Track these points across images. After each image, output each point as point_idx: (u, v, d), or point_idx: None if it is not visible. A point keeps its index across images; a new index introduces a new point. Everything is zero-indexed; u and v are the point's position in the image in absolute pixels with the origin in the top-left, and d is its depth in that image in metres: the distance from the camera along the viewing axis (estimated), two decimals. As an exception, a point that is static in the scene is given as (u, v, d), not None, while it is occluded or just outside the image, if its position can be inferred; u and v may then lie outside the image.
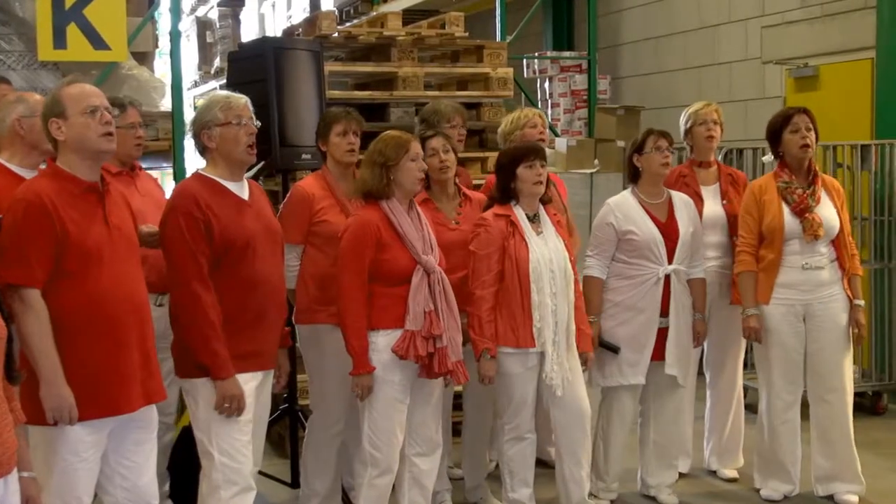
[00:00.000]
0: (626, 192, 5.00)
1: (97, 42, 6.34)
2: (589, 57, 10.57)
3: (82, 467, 3.37)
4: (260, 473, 4.40)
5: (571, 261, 4.60)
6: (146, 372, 3.49)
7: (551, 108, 10.68)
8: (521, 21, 10.31)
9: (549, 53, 11.37)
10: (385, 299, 4.14)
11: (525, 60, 11.10)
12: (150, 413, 3.56)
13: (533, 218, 4.54)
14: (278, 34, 8.58)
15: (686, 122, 5.32)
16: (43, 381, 3.25)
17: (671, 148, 4.91)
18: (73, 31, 6.24)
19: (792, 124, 4.92)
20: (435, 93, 6.59)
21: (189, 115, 6.87)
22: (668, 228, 4.85)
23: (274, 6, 9.91)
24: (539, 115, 5.22)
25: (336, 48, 6.50)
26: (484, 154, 6.34)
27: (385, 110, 6.23)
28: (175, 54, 7.07)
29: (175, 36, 7.15)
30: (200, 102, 4.51)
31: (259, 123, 3.92)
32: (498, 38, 9.54)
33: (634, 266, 4.84)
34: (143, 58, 7.28)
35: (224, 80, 6.31)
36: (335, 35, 6.22)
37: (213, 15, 10.38)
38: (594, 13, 10.45)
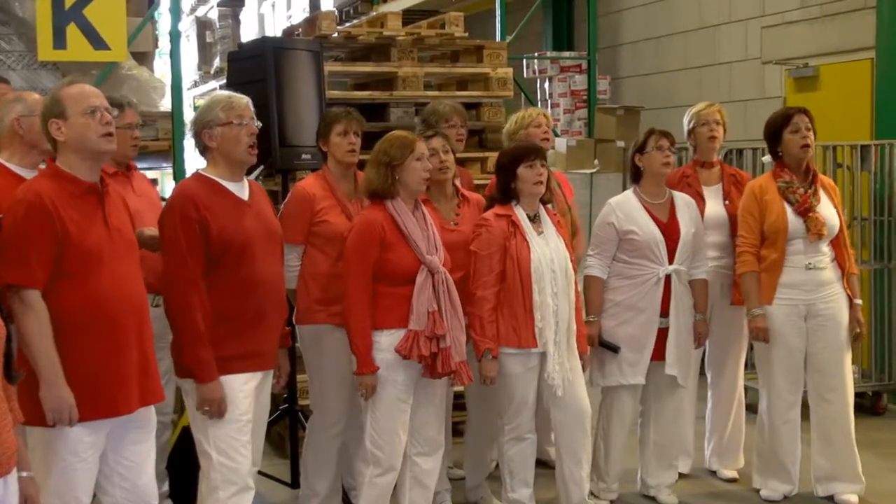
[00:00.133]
0: (628, 192, 5.00)
1: (97, 42, 6.33)
2: (589, 57, 10.56)
3: (81, 467, 3.36)
4: (260, 473, 4.40)
5: (572, 260, 4.61)
6: (144, 373, 3.49)
7: (551, 108, 10.66)
8: (521, 21, 10.30)
9: (548, 53, 11.36)
10: (389, 299, 4.15)
11: (525, 60, 11.09)
12: (148, 413, 3.56)
13: (533, 218, 4.54)
14: (278, 34, 8.58)
15: (689, 123, 5.32)
16: (43, 382, 3.25)
17: (673, 148, 4.90)
18: (72, 31, 6.24)
19: (792, 124, 4.92)
20: (435, 93, 6.58)
21: (189, 116, 6.87)
22: (670, 229, 4.85)
23: (274, 6, 9.90)
24: (543, 114, 5.21)
25: (336, 48, 6.49)
26: (484, 154, 6.34)
27: (385, 110, 6.23)
28: (175, 54, 7.07)
29: (175, 36, 7.15)
30: (202, 102, 4.51)
31: (260, 124, 3.92)
32: (498, 38, 9.52)
33: (635, 266, 4.84)
34: (143, 58, 7.27)
35: (224, 81, 6.32)
36: (335, 35, 6.22)
37: (213, 15, 10.37)
38: (594, 13, 10.44)
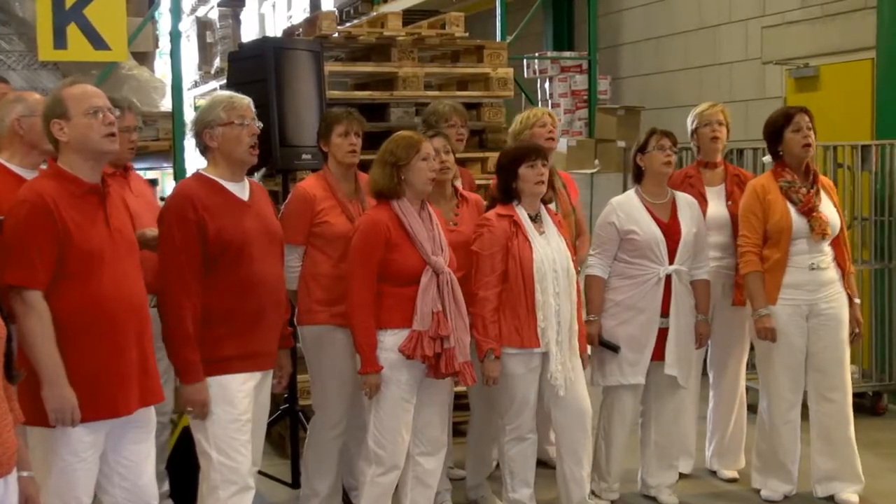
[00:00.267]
0: (630, 192, 5.00)
1: (97, 42, 6.32)
2: (589, 57, 10.56)
3: (81, 467, 3.36)
4: (260, 474, 4.40)
5: (573, 260, 4.61)
6: (144, 373, 3.49)
7: (551, 108, 10.66)
8: (522, 21, 10.30)
9: (549, 53, 11.36)
10: (393, 299, 4.15)
11: (525, 61, 11.09)
12: (147, 413, 3.56)
13: (535, 217, 4.54)
14: (278, 34, 8.58)
15: (692, 123, 5.31)
16: (45, 383, 3.25)
17: (674, 148, 4.90)
18: (73, 31, 6.23)
19: (793, 124, 4.91)
20: (435, 93, 6.58)
21: (189, 116, 6.87)
22: (671, 229, 4.84)
23: (274, 6, 9.91)
24: (549, 114, 5.20)
25: (336, 48, 6.49)
26: (484, 154, 6.34)
27: (385, 110, 6.22)
28: (175, 54, 7.07)
29: (175, 36, 7.14)
30: (202, 102, 4.50)
31: (261, 124, 3.92)
32: (498, 38, 9.52)
33: (636, 266, 4.84)
34: (144, 58, 7.27)
35: (224, 81, 6.31)
36: (335, 35, 6.22)
37: (214, 15, 10.37)
38: (594, 13, 10.44)
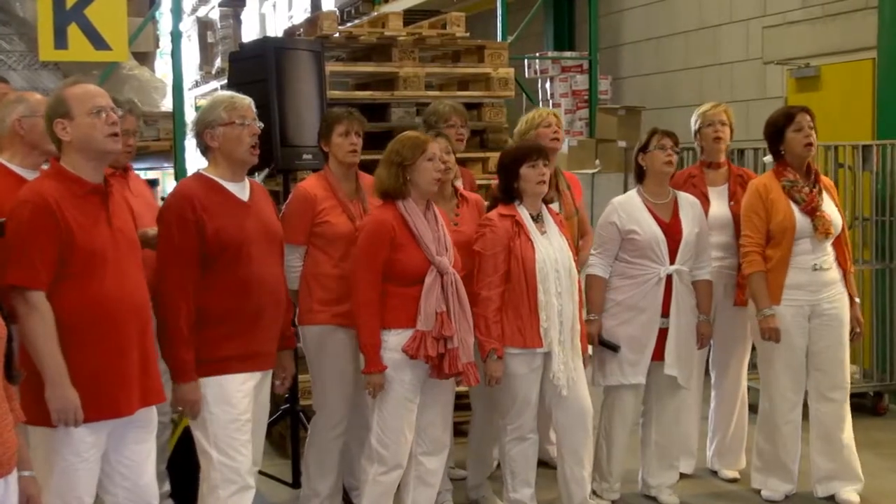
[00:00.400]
0: (632, 192, 5.00)
1: (98, 42, 6.33)
2: (590, 57, 10.57)
3: (83, 467, 3.37)
4: (261, 473, 4.40)
5: (575, 260, 4.61)
6: (145, 373, 3.49)
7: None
8: (523, 21, 10.31)
9: (550, 54, 11.36)
10: (398, 299, 4.16)
11: (526, 61, 11.09)
12: (149, 413, 3.56)
13: (536, 217, 4.54)
14: (279, 34, 8.57)
15: (695, 123, 5.31)
16: (48, 383, 3.25)
17: (676, 147, 4.89)
18: (73, 31, 6.24)
19: (795, 123, 4.90)
20: (436, 93, 6.57)
21: (190, 116, 6.88)
22: (672, 229, 4.84)
23: (275, 6, 9.88)
24: (554, 114, 5.19)
25: (337, 48, 6.49)
26: (485, 154, 6.34)
27: (386, 110, 6.22)
28: (176, 54, 7.08)
29: (176, 36, 7.15)
30: (203, 102, 4.51)
31: (262, 125, 3.93)
32: (499, 38, 9.53)
33: (636, 266, 4.83)
34: (144, 58, 7.28)
35: (225, 81, 6.31)
36: (336, 35, 6.21)
37: (214, 15, 10.37)
38: (595, 13, 10.44)
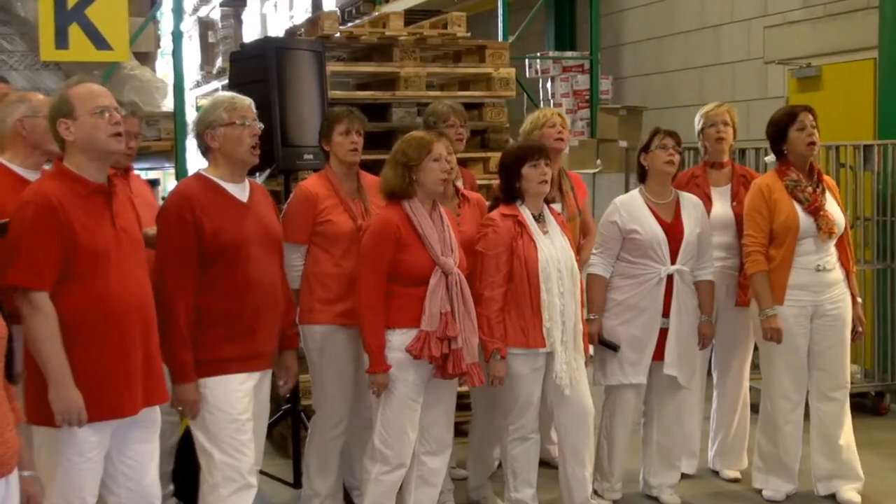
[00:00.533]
0: (634, 192, 5.00)
1: (99, 42, 6.34)
2: (591, 57, 10.58)
3: (87, 468, 3.37)
4: (262, 473, 4.40)
5: (577, 260, 4.60)
6: (149, 373, 3.49)
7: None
8: (524, 21, 10.31)
9: (551, 53, 11.37)
10: (402, 299, 4.16)
11: (527, 60, 11.10)
12: (153, 413, 3.56)
13: (538, 217, 4.53)
14: (280, 34, 8.57)
15: (698, 123, 5.31)
16: (52, 384, 3.25)
17: (678, 147, 4.89)
18: (75, 31, 6.25)
19: (798, 122, 4.89)
20: (437, 93, 6.57)
21: (191, 116, 6.88)
22: (673, 229, 4.84)
23: (276, 6, 9.88)
24: (559, 114, 5.19)
25: (338, 48, 6.48)
26: (486, 154, 6.33)
27: (387, 110, 6.21)
28: (177, 54, 7.08)
29: (177, 36, 7.16)
30: (204, 102, 4.51)
31: (262, 125, 3.93)
32: (500, 38, 9.53)
33: (638, 265, 4.83)
34: (146, 58, 7.29)
35: (226, 81, 6.31)
36: (337, 35, 6.21)
37: (216, 15, 10.36)
38: (596, 13, 10.45)
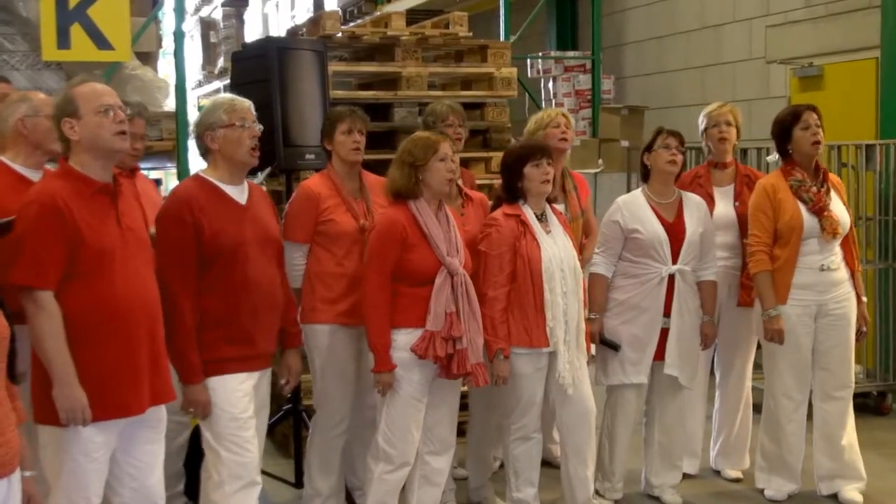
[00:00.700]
0: (636, 191, 5.00)
1: (101, 42, 6.34)
2: (593, 57, 10.58)
3: (92, 468, 3.37)
4: (264, 473, 4.40)
5: (580, 259, 4.60)
6: (155, 372, 3.49)
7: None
8: (525, 21, 10.31)
9: (552, 53, 11.37)
10: (408, 298, 4.16)
11: (529, 60, 11.10)
12: (159, 413, 3.57)
13: (540, 217, 4.53)
14: (282, 34, 8.58)
15: (702, 123, 5.30)
16: (56, 383, 3.25)
17: (681, 147, 4.88)
18: (76, 31, 6.25)
19: (802, 121, 4.88)
20: (439, 93, 6.56)
21: (193, 116, 6.88)
22: (675, 228, 4.83)
23: (278, 6, 9.88)
24: (563, 114, 5.18)
25: (340, 48, 6.48)
26: (488, 154, 6.33)
27: (389, 110, 6.21)
28: (179, 54, 7.08)
29: (179, 36, 7.16)
30: (206, 102, 4.52)
31: (262, 127, 3.94)
32: (502, 37, 9.53)
33: (639, 265, 4.83)
34: (147, 58, 7.30)
35: (228, 81, 6.32)
36: (339, 35, 6.20)
37: (217, 15, 10.36)
38: (598, 13, 10.45)
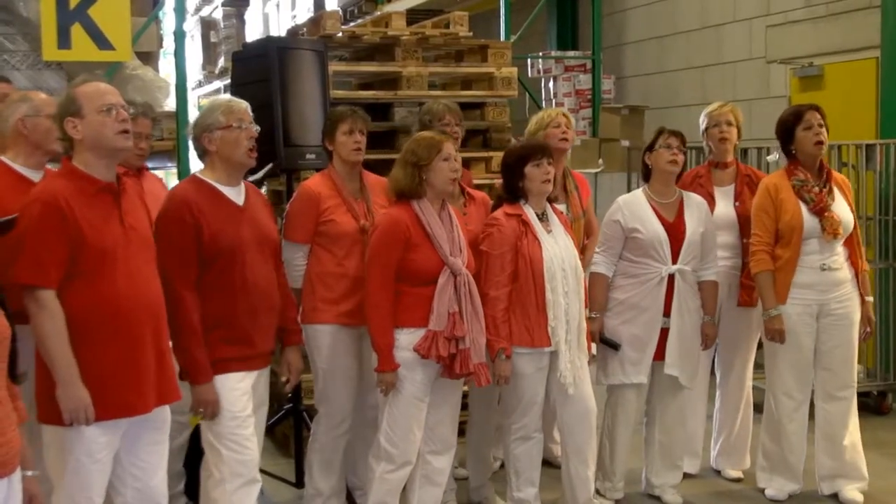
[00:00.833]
0: (637, 191, 5.00)
1: (101, 42, 6.34)
2: (593, 56, 10.58)
3: (95, 468, 3.37)
4: (265, 473, 4.41)
5: (581, 259, 4.60)
6: (160, 372, 3.50)
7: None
8: (526, 21, 10.31)
9: (553, 53, 11.37)
10: (411, 298, 4.17)
11: (529, 60, 11.10)
12: (163, 413, 3.57)
13: (541, 216, 4.53)
14: (282, 34, 8.58)
15: (703, 123, 5.31)
16: (59, 382, 3.26)
17: (682, 147, 4.88)
18: (77, 31, 6.25)
19: (804, 121, 4.88)
20: (439, 92, 6.57)
21: (193, 115, 6.88)
22: (675, 228, 4.83)
23: (278, 6, 9.88)
24: (563, 114, 5.18)
25: (340, 48, 6.48)
26: (488, 154, 6.33)
27: (389, 110, 6.21)
28: (179, 54, 7.08)
29: (179, 36, 7.16)
30: (205, 102, 4.53)
31: (259, 128, 3.96)
32: (502, 37, 9.53)
33: (639, 265, 4.83)
34: (148, 58, 7.30)
35: (228, 80, 6.31)
36: (339, 35, 6.21)
37: (218, 15, 10.36)
38: (598, 13, 10.45)
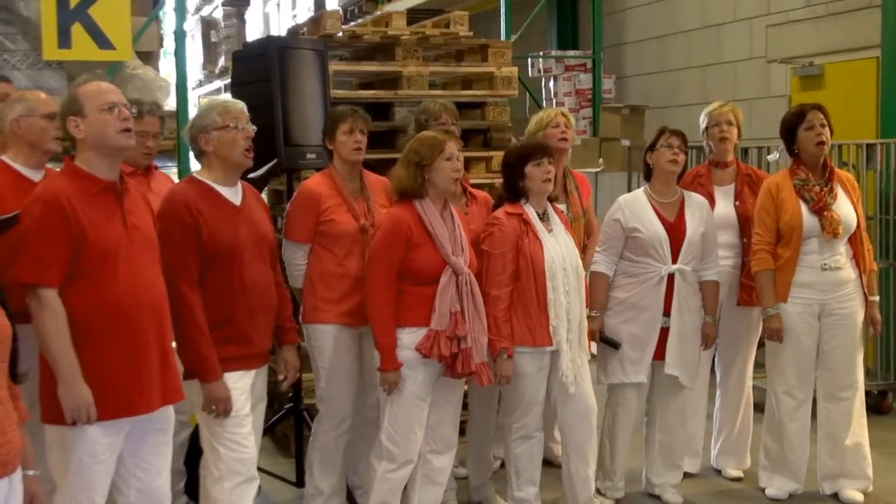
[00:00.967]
0: (638, 191, 5.00)
1: (102, 41, 6.34)
2: (593, 56, 10.58)
3: (98, 469, 3.37)
4: (265, 472, 4.41)
5: (582, 258, 4.60)
6: (164, 371, 3.50)
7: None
8: (526, 20, 10.31)
9: (553, 53, 11.37)
10: (413, 297, 4.17)
11: (530, 60, 11.10)
12: (167, 413, 3.57)
13: (542, 216, 4.53)
14: (283, 34, 8.58)
15: (703, 122, 5.31)
16: (61, 381, 3.26)
17: (683, 147, 4.88)
18: (77, 30, 6.25)
19: (807, 121, 4.88)
20: (439, 92, 6.56)
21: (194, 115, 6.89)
22: (675, 228, 4.83)
23: (279, 5, 9.88)
24: (563, 114, 5.18)
25: (340, 47, 6.48)
26: (488, 153, 6.33)
27: (389, 110, 6.21)
28: (180, 54, 7.08)
29: (179, 35, 7.15)
30: (205, 102, 4.53)
31: (255, 128, 3.96)
32: (502, 37, 9.53)
33: (639, 264, 4.83)
34: (148, 57, 7.29)
35: (228, 80, 6.32)
36: (340, 34, 6.20)
37: (218, 14, 10.36)
38: (599, 12, 10.45)
